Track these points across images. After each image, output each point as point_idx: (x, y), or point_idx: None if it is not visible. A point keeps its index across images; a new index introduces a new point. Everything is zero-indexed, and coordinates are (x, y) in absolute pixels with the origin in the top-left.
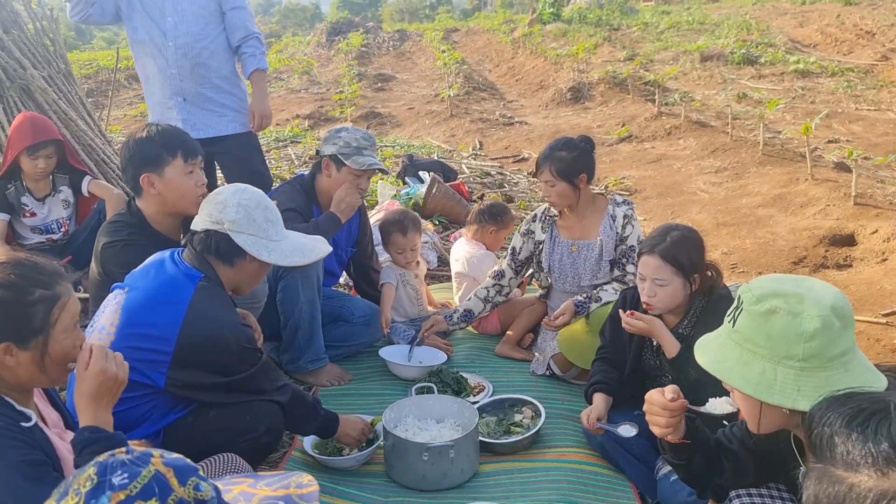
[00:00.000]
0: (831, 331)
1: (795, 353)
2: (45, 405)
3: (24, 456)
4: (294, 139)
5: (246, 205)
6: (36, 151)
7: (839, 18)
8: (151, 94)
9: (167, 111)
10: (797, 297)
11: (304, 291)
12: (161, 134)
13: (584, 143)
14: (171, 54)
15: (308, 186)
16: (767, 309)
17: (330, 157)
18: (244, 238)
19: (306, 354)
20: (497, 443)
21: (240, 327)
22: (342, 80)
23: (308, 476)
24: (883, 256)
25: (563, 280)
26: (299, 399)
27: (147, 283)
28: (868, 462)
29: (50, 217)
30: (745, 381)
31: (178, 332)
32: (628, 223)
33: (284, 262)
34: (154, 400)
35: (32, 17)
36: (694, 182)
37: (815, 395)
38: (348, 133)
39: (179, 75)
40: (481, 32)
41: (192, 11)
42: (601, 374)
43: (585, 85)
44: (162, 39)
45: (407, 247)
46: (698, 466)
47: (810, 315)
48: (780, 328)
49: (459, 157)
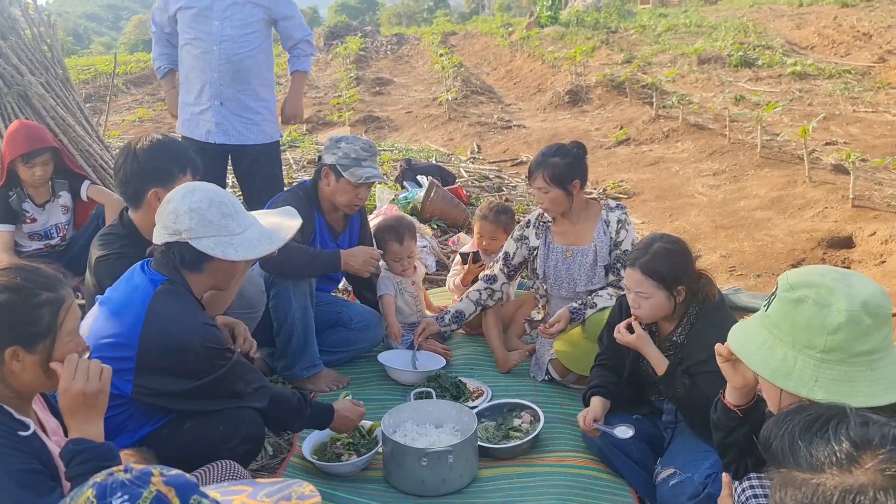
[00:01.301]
0: (858, 326)
1: (817, 343)
2: (45, 412)
3: (21, 465)
4: (292, 143)
5: (197, 208)
6: (31, 159)
7: (836, 20)
8: (187, 94)
9: (201, 113)
10: (829, 289)
11: (297, 298)
12: (169, 148)
13: (576, 149)
14: (214, 58)
15: (310, 192)
16: (797, 297)
17: (329, 167)
18: (205, 242)
19: (301, 361)
20: (496, 448)
21: (204, 327)
22: (340, 84)
23: (310, 486)
24: (881, 258)
25: (558, 286)
26: (281, 401)
27: (113, 294)
28: (832, 461)
29: (49, 222)
30: (765, 365)
31: (139, 336)
32: (622, 228)
33: (253, 255)
34: (128, 411)
35: (30, 23)
36: (692, 185)
37: (833, 388)
38: (348, 144)
39: (220, 80)
40: (479, 36)
41: (239, 18)
42: (599, 378)
43: (583, 88)
44: (207, 42)
45: (404, 255)
46: (735, 439)
47: (838, 308)
48: (807, 317)
49: (458, 160)
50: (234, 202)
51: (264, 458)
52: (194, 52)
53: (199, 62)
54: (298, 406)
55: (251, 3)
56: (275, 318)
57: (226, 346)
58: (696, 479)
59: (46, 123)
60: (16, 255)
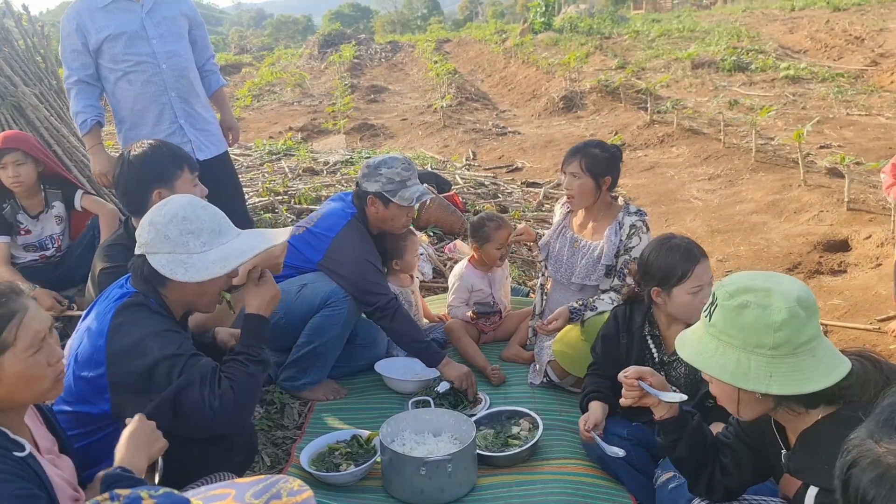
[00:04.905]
0: (797, 320)
1: (766, 342)
2: (39, 428)
3: (18, 490)
4: (287, 152)
5: (157, 222)
6: (1, 159)
7: (828, 24)
8: (139, 127)
9: (167, 138)
10: (766, 290)
11: (347, 326)
12: (161, 148)
13: (615, 149)
14: (167, 76)
15: (365, 223)
16: (739, 303)
17: (375, 195)
18: (159, 258)
19: (310, 377)
20: (495, 456)
21: (164, 333)
22: (335, 92)
23: (297, 481)
24: (877, 261)
25: (556, 268)
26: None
27: (92, 308)
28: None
29: (44, 233)
30: (723, 370)
31: (105, 350)
32: (635, 234)
33: (204, 276)
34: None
35: (23, 34)
36: (687, 189)
37: (786, 380)
38: (388, 168)
39: (178, 98)
40: (473, 43)
41: (174, 31)
42: (595, 384)
43: (577, 94)
44: (153, 64)
45: (414, 264)
46: (681, 453)
47: (778, 307)
48: (752, 320)
49: (453, 167)
50: (209, 219)
51: (262, 468)
52: (139, 79)
53: (150, 88)
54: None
55: (179, 15)
56: (309, 333)
57: (192, 353)
58: None
59: (41, 134)
60: (12, 267)
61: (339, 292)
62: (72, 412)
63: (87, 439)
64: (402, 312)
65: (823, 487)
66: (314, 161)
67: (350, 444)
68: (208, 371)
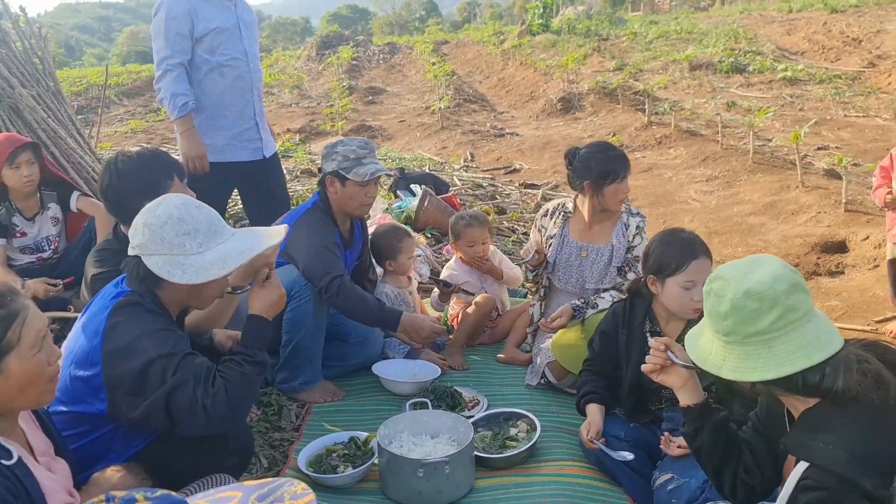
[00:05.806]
0: (743, 312)
1: (719, 328)
2: (34, 431)
3: None
4: (286, 153)
5: (153, 224)
6: (15, 159)
7: (826, 26)
8: (219, 119)
9: (244, 132)
10: (727, 280)
11: (317, 315)
12: (149, 159)
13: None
14: (253, 76)
15: (326, 207)
16: (707, 290)
17: (332, 174)
18: (155, 260)
19: (303, 375)
20: (493, 457)
21: (159, 332)
22: (333, 94)
23: (301, 484)
24: (875, 263)
25: (566, 280)
26: (242, 387)
27: (87, 309)
28: None
29: (40, 235)
30: (692, 348)
31: (101, 350)
32: (638, 234)
33: (201, 279)
34: (113, 432)
35: (21, 36)
36: (685, 191)
37: (737, 366)
38: (344, 146)
39: (257, 97)
40: (471, 44)
41: (252, 34)
42: (590, 384)
43: (575, 95)
44: (244, 62)
45: (409, 266)
46: (703, 441)
47: (726, 298)
48: (710, 307)
49: (451, 169)
50: (204, 219)
51: (259, 470)
52: (232, 73)
53: (239, 83)
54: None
55: (254, 24)
56: (286, 331)
57: (186, 351)
58: (693, 485)
59: (38, 136)
60: (7, 268)
61: (299, 282)
62: (68, 412)
63: (83, 439)
64: (347, 287)
65: (813, 463)
66: (312, 163)
67: (347, 445)
68: (202, 370)
